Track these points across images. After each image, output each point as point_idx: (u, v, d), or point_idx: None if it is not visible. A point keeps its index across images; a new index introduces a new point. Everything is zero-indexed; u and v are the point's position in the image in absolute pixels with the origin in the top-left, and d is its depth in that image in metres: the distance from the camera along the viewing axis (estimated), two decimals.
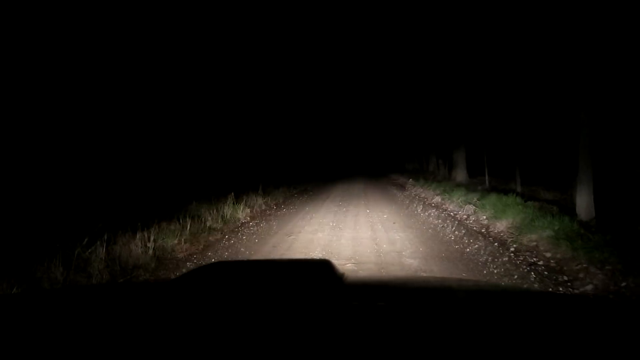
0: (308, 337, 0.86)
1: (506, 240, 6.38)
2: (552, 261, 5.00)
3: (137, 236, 5.52)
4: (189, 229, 7.04)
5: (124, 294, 1.48)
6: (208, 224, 8.32)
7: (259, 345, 0.81)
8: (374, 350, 0.80)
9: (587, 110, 6.41)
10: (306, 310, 1.03)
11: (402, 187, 18.02)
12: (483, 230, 7.38)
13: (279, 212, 11.13)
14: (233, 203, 10.23)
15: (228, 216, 9.36)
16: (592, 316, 1.08)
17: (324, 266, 1.48)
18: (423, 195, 14.28)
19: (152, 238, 5.59)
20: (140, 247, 5.33)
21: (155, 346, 0.83)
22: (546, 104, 10.38)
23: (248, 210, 10.38)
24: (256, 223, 9.22)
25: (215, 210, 9.07)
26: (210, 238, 7.37)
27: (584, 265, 4.49)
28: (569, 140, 8.64)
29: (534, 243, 5.81)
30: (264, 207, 12.13)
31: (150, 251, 5.38)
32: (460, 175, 15.17)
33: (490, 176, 14.66)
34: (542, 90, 10.11)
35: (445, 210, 10.42)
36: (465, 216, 9.13)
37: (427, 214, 9.71)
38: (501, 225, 7.31)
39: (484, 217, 8.26)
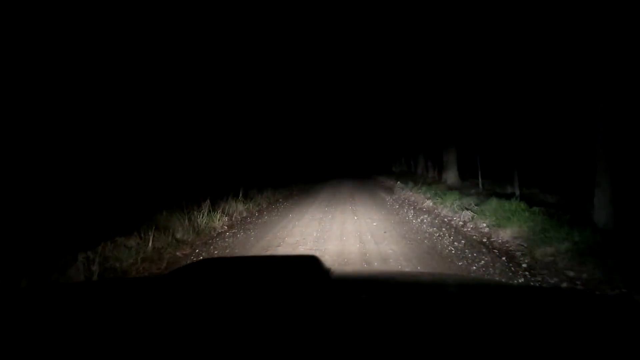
0: (293, 328, 0.90)
1: (515, 254, 5.58)
2: (577, 282, 4.20)
3: (79, 258, 4.55)
4: (152, 244, 6.08)
5: (113, 290, 1.47)
6: (178, 235, 7.38)
7: (246, 336, 0.85)
8: (356, 339, 0.84)
9: (606, 101, 5.63)
10: (293, 304, 1.07)
11: (390, 191, 17.25)
12: (485, 241, 6.60)
13: (259, 219, 10.22)
14: (209, 211, 9.29)
15: (203, 226, 8.43)
16: (582, 309, 1.09)
17: (310, 261, 1.52)
18: (413, 199, 13.52)
19: (96, 260, 4.62)
20: (82, 272, 4.38)
21: (145, 341, 0.84)
22: (547, 98, 9.67)
23: (226, 219, 9.45)
24: (233, 233, 8.31)
25: (187, 220, 8.13)
26: (177, 253, 6.43)
27: (623, 290, 3.69)
28: (573, 139, 7.95)
29: (551, 258, 5.01)
30: (245, 213, 11.22)
31: (95, 277, 4.43)
32: (452, 177, 14.45)
33: (483, 178, 14.01)
34: (544, 82, 9.41)
35: (439, 215, 9.65)
36: (461, 223, 8.36)
37: (419, 220, 8.92)
38: (505, 235, 6.53)
39: (484, 224, 7.49)
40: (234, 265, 1.74)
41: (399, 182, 18.89)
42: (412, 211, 10.49)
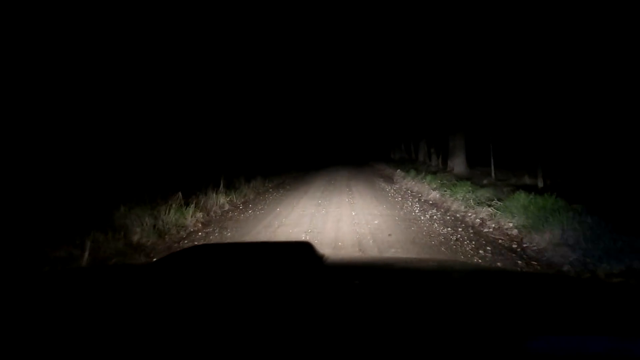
0: (285, 314, 0.89)
1: (564, 269, 4.23)
2: None
3: None
4: (88, 254, 4.67)
5: (108, 276, 1.47)
6: (135, 238, 6.00)
7: (238, 322, 0.85)
8: (348, 325, 0.83)
9: None
10: (285, 290, 1.06)
11: (390, 180, 15.89)
12: (516, 247, 5.26)
13: (242, 214, 8.84)
14: (181, 205, 7.89)
15: (171, 223, 7.06)
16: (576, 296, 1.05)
17: (304, 248, 1.51)
18: (416, 189, 12.17)
19: None
20: None
21: (139, 326, 0.84)
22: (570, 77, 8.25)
23: (200, 215, 8.04)
24: (207, 233, 6.94)
25: (149, 218, 6.74)
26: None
27: None
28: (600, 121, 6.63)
29: (621, 279, 3.66)
30: (227, 207, 9.84)
31: None
32: (459, 165, 13.07)
33: (493, 167, 12.67)
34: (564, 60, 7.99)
35: (449, 210, 8.32)
36: (478, 221, 7.03)
37: (428, 216, 7.60)
38: (542, 241, 5.17)
39: (510, 224, 6.14)
40: (227, 251, 1.71)
41: (399, 170, 17.53)
42: (417, 204, 9.15)
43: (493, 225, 6.49)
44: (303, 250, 1.50)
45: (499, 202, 6.92)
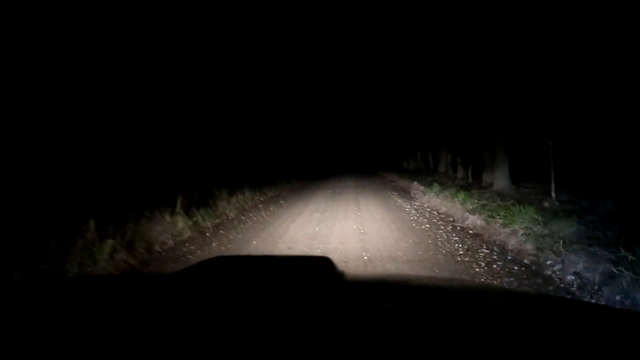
0: (310, 337, 0.81)
1: None
2: None
3: None
4: None
5: (127, 285, 1.43)
6: None
7: (260, 343, 0.78)
8: (379, 352, 0.76)
9: None
10: (308, 310, 0.97)
11: (406, 195, 13.00)
12: None
13: (201, 249, 6.05)
14: (93, 240, 5.06)
15: (72, 272, 4.26)
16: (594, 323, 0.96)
17: (323, 263, 1.44)
18: (444, 209, 9.30)
19: None
20: None
21: (156, 339, 0.81)
22: None
23: (124, 255, 5.16)
24: None
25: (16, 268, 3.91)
26: None
27: None
28: None
29: None
30: (187, 234, 7.05)
31: None
32: (500, 180, 10.11)
33: (539, 182, 9.80)
34: None
35: (505, 250, 5.60)
36: (571, 279, 4.22)
37: (484, 265, 4.79)
38: None
39: None
40: (246, 263, 1.66)
41: (416, 183, 14.57)
42: (455, 237, 6.33)
43: (618, 299, 3.60)
44: (322, 266, 1.40)
45: (621, 251, 4.00)
